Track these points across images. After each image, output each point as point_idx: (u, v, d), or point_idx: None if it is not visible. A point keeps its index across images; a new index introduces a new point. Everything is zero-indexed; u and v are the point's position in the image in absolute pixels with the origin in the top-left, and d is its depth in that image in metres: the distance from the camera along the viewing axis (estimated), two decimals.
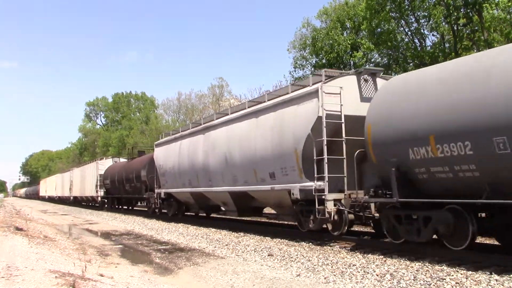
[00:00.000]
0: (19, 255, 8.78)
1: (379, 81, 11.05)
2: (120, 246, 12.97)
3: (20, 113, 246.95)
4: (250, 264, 9.06)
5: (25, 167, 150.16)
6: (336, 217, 10.29)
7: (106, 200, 32.66)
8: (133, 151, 32.03)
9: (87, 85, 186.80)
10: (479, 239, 10.88)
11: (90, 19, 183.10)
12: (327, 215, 10.14)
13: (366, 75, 10.98)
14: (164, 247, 12.16)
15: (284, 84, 32.25)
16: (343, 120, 10.34)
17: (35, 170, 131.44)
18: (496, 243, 10.09)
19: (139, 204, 29.75)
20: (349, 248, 9.80)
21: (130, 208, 31.05)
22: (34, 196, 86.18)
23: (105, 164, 33.54)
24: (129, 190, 26.38)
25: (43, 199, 68.95)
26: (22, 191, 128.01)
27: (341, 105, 10.37)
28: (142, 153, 29.39)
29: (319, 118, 10.26)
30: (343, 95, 10.43)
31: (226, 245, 11.59)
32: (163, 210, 21.13)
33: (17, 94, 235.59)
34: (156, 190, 20.97)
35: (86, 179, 37.05)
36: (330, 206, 10.13)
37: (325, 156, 10.12)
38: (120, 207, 31.62)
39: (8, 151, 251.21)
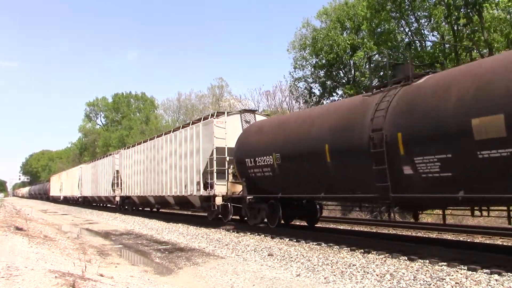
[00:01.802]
0: (19, 255, 8.77)
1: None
2: (120, 246, 12.98)
3: (20, 113, 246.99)
4: (250, 264, 9.06)
5: (25, 167, 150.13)
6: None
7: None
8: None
9: (87, 85, 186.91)
10: (479, 239, 10.89)
11: (90, 19, 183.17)
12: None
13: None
14: (164, 247, 12.16)
15: (284, 84, 32.23)
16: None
17: (35, 170, 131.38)
18: (497, 242, 10.11)
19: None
20: (349, 248, 9.79)
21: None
22: (42, 196, 75.59)
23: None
24: None
25: (55, 200, 56.66)
26: (25, 190, 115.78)
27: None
28: None
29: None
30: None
31: (226, 245, 11.59)
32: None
33: (17, 94, 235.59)
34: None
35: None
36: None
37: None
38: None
39: (8, 151, 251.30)
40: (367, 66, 28.64)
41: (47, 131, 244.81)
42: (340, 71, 30.86)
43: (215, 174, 15.29)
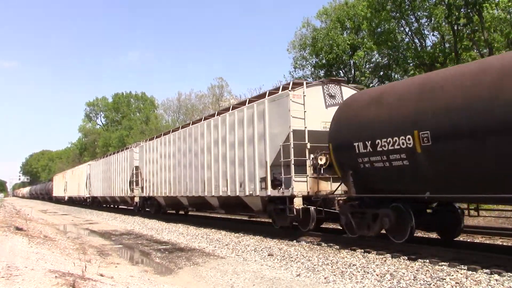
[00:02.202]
0: (19, 255, 8.77)
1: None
2: (120, 246, 12.98)
3: (20, 113, 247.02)
4: (250, 264, 9.06)
5: (25, 167, 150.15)
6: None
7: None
8: None
9: (87, 85, 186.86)
10: (479, 239, 10.89)
11: (91, 19, 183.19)
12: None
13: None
14: (164, 247, 12.16)
15: (284, 83, 32.29)
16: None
17: (35, 170, 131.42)
18: (497, 242, 10.10)
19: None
20: (349, 248, 9.78)
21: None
22: (44, 196, 70.85)
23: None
24: None
25: (59, 201, 52.69)
26: (26, 190, 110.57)
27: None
28: None
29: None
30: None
31: (226, 245, 11.59)
32: None
33: (17, 94, 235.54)
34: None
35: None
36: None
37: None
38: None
39: (8, 151, 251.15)
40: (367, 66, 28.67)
41: (47, 131, 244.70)
42: (340, 71, 30.87)
43: (292, 168, 11.24)
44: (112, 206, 33.48)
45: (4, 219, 19.77)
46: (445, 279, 6.59)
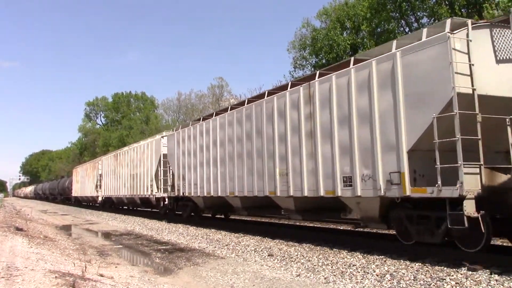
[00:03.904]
0: (19, 255, 8.78)
1: None
2: (120, 246, 12.98)
3: (20, 113, 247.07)
4: (250, 264, 9.06)
5: (25, 167, 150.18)
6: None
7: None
8: None
9: (87, 85, 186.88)
10: None
11: (91, 19, 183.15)
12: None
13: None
14: (164, 247, 12.16)
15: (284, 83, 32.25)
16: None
17: (35, 170, 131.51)
18: (497, 242, 10.09)
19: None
20: (349, 248, 9.79)
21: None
22: (55, 197, 56.61)
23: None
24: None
25: (82, 203, 40.91)
26: (28, 189, 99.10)
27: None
28: None
29: None
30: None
31: (226, 245, 11.59)
32: None
33: (18, 94, 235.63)
34: None
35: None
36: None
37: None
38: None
39: (8, 151, 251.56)
40: None
41: (47, 131, 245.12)
42: None
43: (460, 151, 7.28)
44: (131, 208, 28.34)
45: (4, 219, 19.78)
46: (445, 279, 6.59)
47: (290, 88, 11.63)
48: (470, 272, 6.88)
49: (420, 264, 7.76)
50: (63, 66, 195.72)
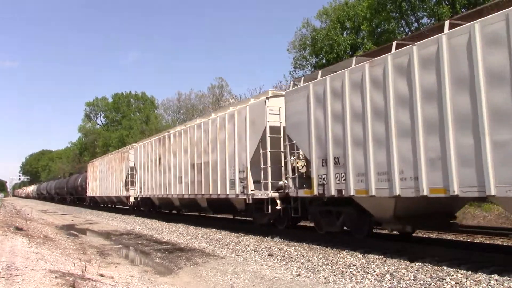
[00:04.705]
0: (19, 255, 8.78)
1: None
2: (120, 246, 12.98)
3: (20, 113, 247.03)
4: (250, 264, 9.06)
5: (25, 167, 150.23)
6: None
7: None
8: None
9: (87, 85, 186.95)
10: (479, 239, 10.88)
11: (91, 19, 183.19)
12: None
13: None
14: (164, 247, 12.16)
15: (284, 84, 32.26)
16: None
17: (35, 170, 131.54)
18: (497, 242, 10.08)
19: None
20: (349, 248, 9.78)
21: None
22: (63, 197, 49.67)
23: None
24: None
25: (97, 204, 35.33)
26: (30, 188, 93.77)
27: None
28: None
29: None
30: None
31: (226, 245, 11.59)
32: None
33: (18, 94, 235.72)
34: None
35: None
36: None
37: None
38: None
39: (8, 151, 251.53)
40: None
41: (47, 131, 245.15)
42: None
43: None
44: (187, 213, 21.23)
45: (4, 219, 19.79)
46: (445, 279, 6.59)
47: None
48: (470, 272, 6.88)
49: (420, 264, 7.76)
50: (63, 66, 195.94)
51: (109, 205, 33.41)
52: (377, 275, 7.20)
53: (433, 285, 6.41)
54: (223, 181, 14.47)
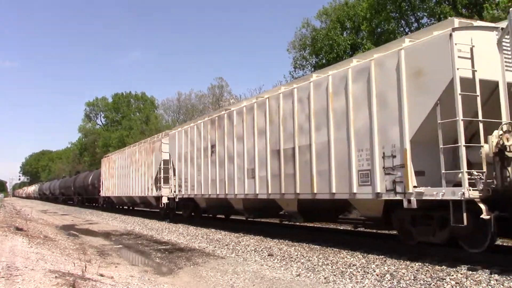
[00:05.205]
0: (19, 255, 8.78)
1: None
2: (120, 246, 12.97)
3: (20, 113, 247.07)
4: (250, 264, 9.06)
5: (25, 167, 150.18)
6: None
7: None
8: None
9: (87, 85, 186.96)
10: None
11: (91, 19, 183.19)
12: None
13: None
14: (164, 247, 12.16)
15: (284, 84, 32.29)
16: None
17: (35, 170, 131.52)
18: (497, 242, 10.08)
19: None
20: (349, 248, 9.78)
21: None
22: (70, 197, 44.59)
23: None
24: None
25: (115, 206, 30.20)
26: (31, 188, 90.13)
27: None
28: None
29: None
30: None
31: (226, 245, 11.59)
32: None
33: (18, 94, 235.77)
34: None
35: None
36: None
37: None
38: None
39: (8, 151, 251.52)
40: None
41: (47, 131, 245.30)
42: None
43: None
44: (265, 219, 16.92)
45: (4, 219, 19.78)
46: (445, 279, 6.59)
47: None
48: (470, 272, 6.88)
49: (420, 264, 7.76)
50: (63, 66, 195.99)
51: (130, 207, 28.32)
52: (377, 275, 7.20)
53: (433, 285, 6.41)
54: (343, 173, 9.54)
